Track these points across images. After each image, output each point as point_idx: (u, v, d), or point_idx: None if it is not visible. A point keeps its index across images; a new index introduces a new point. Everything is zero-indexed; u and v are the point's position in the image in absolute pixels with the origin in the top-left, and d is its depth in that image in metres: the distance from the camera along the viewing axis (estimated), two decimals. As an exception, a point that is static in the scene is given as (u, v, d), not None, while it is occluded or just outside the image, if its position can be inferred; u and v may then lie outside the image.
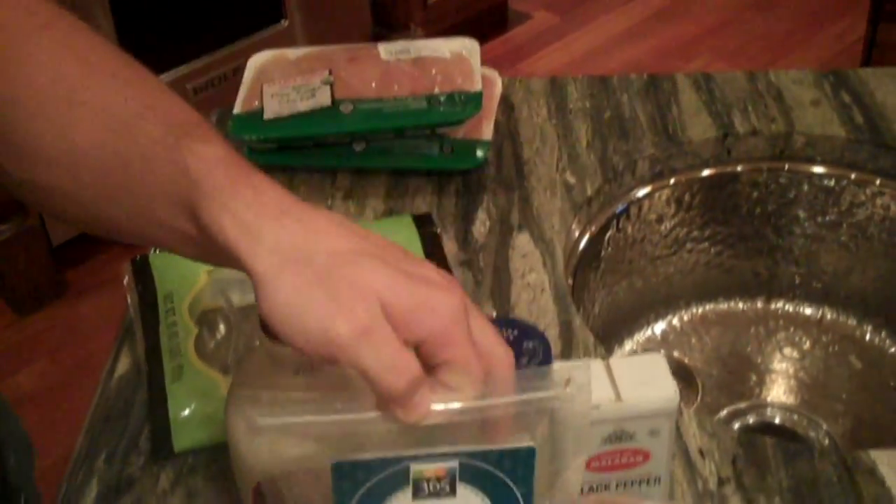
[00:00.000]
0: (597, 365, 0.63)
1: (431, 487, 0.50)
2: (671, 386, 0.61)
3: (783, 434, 0.94)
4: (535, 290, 0.84)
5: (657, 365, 0.63)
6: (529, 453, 0.51)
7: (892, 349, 1.00)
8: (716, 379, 0.99)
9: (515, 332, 0.62)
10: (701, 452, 0.69)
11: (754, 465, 0.68)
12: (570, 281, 0.89)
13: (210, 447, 0.71)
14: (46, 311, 2.11)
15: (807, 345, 1.01)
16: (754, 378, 1.00)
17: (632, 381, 0.61)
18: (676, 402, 0.61)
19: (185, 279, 0.82)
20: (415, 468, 0.50)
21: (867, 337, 1.01)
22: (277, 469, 0.55)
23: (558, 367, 0.59)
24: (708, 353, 1.01)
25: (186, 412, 0.72)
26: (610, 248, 0.97)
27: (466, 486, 0.51)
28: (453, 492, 0.51)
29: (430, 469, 0.50)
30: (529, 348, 0.61)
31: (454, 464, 0.50)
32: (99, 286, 2.11)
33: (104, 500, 0.68)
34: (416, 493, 0.50)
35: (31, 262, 2.08)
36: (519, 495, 0.52)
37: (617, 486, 0.63)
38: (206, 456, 0.70)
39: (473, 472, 0.51)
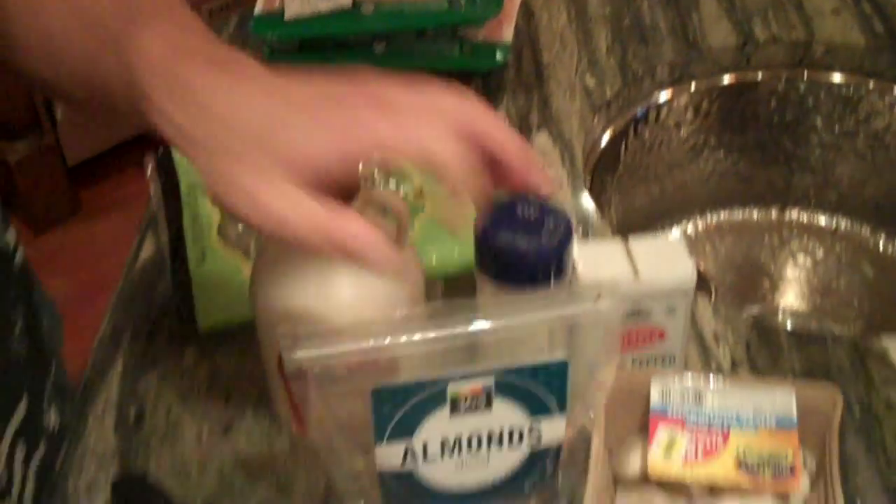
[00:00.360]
0: (616, 244, 0.64)
1: (468, 404, 0.52)
2: (688, 265, 0.62)
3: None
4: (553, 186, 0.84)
5: (675, 246, 0.64)
6: (562, 366, 0.52)
7: (905, 258, 1.00)
8: (729, 285, 1.00)
9: (536, 210, 0.62)
10: (715, 337, 0.70)
11: (767, 350, 0.69)
12: (588, 184, 0.89)
13: (234, 327, 0.72)
14: (61, 229, 2.12)
15: (820, 253, 1.02)
16: (767, 285, 1.00)
17: (650, 260, 0.62)
18: (693, 280, 0.62)
19: (206, 171, 0.83)
20: (452, 388, 0.51)
21: (881, 246, 1.01)
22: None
23: (587, 283, 0.60)
24: (722, 261, 1.02)
25: (210, 293, 0.73)
26: (628, 153, 0.97)
27: (503, 400, 0.52)
28: (490, 405, 0.52)
29: (466, 387, 0.51)
30: (550, 227, 0.61)
31: (490, 381, 0.51)
32: (113, 205, 2.12)
33: (130, 376, 0.70)
34: (454, 410, 0.52)
35: (47, 181, 2.09)
36: (553, 405, 0.53)
37: (633, 363, 0.64)
38: (230, 336, 0.72)
39: (509, 387, 0.52)
